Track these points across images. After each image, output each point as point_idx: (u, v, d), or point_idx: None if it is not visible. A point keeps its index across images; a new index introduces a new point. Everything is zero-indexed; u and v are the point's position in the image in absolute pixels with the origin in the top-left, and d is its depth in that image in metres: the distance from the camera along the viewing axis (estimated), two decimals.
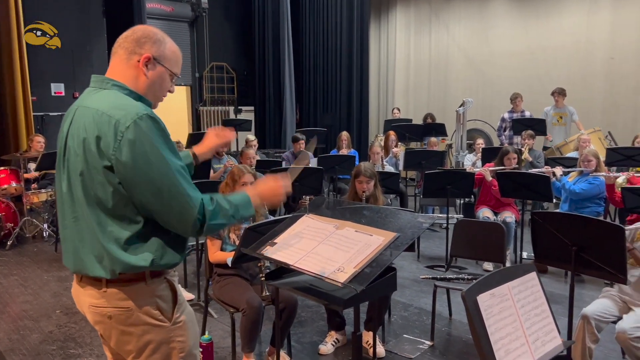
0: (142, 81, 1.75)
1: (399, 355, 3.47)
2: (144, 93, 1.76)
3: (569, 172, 5.32)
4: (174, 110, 11.36)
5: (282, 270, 2.56)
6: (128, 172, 1.60)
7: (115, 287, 1.69)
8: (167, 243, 1.72)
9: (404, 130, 8.29)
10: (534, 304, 1.92)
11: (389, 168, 6.47)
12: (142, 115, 1.61)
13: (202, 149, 2.26)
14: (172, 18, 10.75)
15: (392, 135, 7.54)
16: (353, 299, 2.16)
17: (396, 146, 7.44)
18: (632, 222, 4.07)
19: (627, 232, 3.10)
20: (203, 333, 3.43)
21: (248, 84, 11.97)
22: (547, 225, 2.76)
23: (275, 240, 2.38)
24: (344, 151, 7.21)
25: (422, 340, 3.67)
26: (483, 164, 6.19)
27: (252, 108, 11.88)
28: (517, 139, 7.71)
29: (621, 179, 5.10)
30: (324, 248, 2.24)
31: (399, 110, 10.56)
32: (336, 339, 3.55)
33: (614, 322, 2.96)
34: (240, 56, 11.91)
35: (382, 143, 7.49)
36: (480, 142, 7.55)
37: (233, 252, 3.11)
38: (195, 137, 8.19)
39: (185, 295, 4.42)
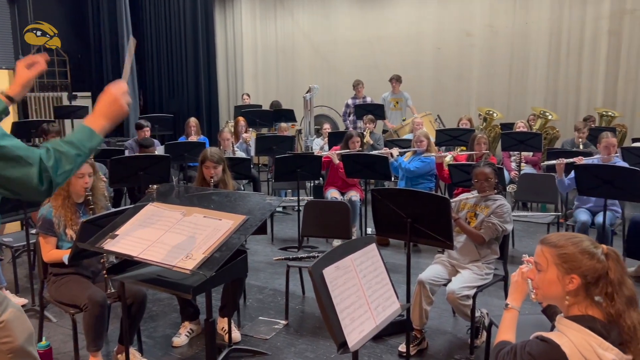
0: None
1: (255, 337, 3.51)
2: None
3: (404, 153, 5.79)
4: None
5: (126, 263, 2.43)
6: None
7: None
8: None
9: (254, 116, 8.30)
10: (374, 273, 2.07)
11: (240, 154, 6.45)
12: None
13: (15, 87, 2.02)
14: None
15: (242, 121, 7.51)
16: (203, 285, 2.13)
17: (246, 132, 7.43)
18: (458, 195, 4.56)
19: (452, 204, 3.47)
20: (40, 340, 3.12)
21: (83, 68, 11.01)
22: (385, 200, 2.97)
23: (116, 232, 2.24)
24: (193, 138, 7.02)
25: (277, 320, 3.75)
26: (330, 148, 6.46)
27: (88, 94, 10.95)
28: (360, 124, 8.16)
29: (448, 157, 5.69)
30: (171, 236, 2.17)
31: (248, 96, 10.54)
32: (190, 329, 3.47)
33: (445, 285, 3.30)
34: (72, 38, 10.88)
35: (232, 129, 7.43)
36: (327, 127, 7.87)
37: (70, 249, 2.86)
38: (21, 126, 7.33)
39: (17, 300, 3.98)
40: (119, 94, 1.68)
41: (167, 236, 2.17)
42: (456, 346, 3.40)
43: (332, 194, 5.55)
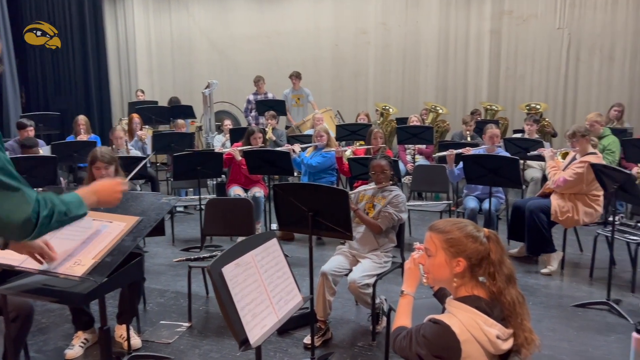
0: None
1: (156, 342, 3.38)
2: None
3: (306, 148, 5.86)
4: None
5: (7, 273, 2.23)
6: None
7: None
8: None
9: (149, 112, 7.98)
10: (275, 268, 2.07)
11: (135, 152, 6.16)
12: None
13: None
14: None
15: (136, 118, 7.18)
16: (95, 292, 2.01)
17: (141, 129, 7.12)
18: (358, 187, 4.69)
19: (352, 196, 3.57)
20: None
21: None
22: (286, 195, 2.99)
23: None
24: (83, 137, 6.61)
25: (180, 323, 3.64)
26: (232, 144, 6.36)
27: None
28: (262, 120, 8.13)
29: (348, 151, 5.83)
30: (57, 242, 2.02)
31: (143, 92, 10.11)
32: (85, 339, 3.27)
33: (347, 275, 3.39)
34: None
35: (126, 127, 7.08)
36: (228, 123, 7.75)
37: None
38: None
39: None
40: (120, 186, 1.87)
41: (53, 242, 2.02)
42: (359, 334, 3.51)
43: (236, 191, 5.49)
